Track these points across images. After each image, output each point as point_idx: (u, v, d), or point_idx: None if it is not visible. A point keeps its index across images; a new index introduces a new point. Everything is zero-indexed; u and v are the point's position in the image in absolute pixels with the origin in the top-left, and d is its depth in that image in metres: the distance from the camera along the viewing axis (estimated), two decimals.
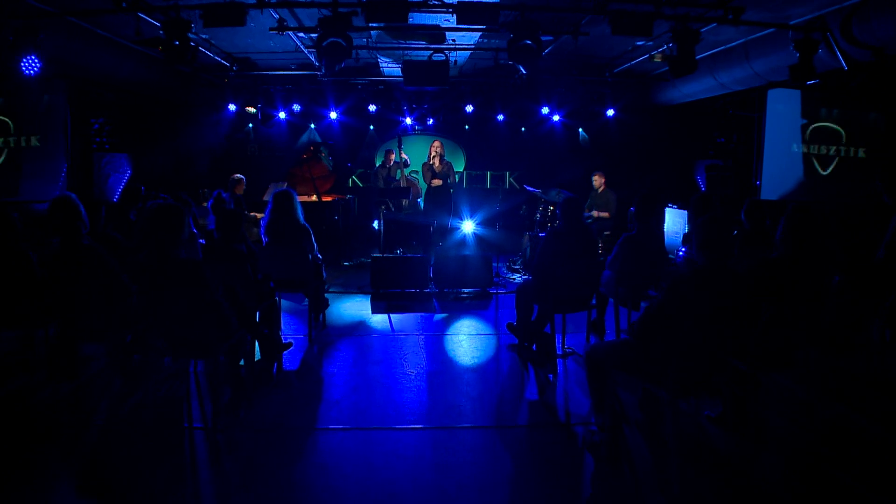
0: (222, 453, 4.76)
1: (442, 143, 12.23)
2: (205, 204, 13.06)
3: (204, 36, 9.65)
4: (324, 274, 7.86)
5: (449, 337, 7.68)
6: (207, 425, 5.10)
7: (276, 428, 5.16)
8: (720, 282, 4.15)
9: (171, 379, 5.82)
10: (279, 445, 4.84)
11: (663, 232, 7.52)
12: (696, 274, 4.18)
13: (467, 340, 7.54)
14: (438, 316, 8.66)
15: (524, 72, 7.51)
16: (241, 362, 5.59)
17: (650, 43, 10.25)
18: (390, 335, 7.73)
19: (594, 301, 6.95)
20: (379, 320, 8.42)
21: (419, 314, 8.73)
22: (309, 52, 10.28)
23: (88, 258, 5.18)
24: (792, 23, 8.29)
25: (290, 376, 6.31)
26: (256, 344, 6.31)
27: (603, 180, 12.24)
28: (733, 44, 9.96)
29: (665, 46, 9.73)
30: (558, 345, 6.84)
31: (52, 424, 5.14)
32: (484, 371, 6.50)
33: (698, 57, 9.63)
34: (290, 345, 6.70)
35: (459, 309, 9.10)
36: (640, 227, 7.06)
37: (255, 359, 6.36)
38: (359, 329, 8.01)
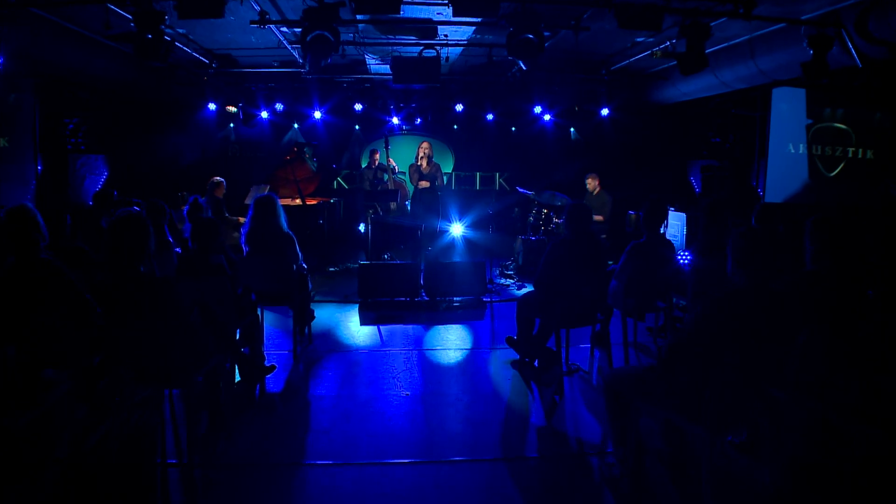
0: (199, 494, 4.24)
1: (430, 144, 11.70)
2: (184, 207, 12.55)
3: (181, 30, 9.10)
4: (310, 285, 7.34)
5: (444, 352, 7.18)
6: (182, 460, 4.57)
7: (258, 463, 4.64)
8: (760, 303, 3.68)
9: (143, 405, 5.27)
10: (263, 484, 4.33)
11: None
12: (734, 296, 3.70)
13: (464, 356, 7.05)
14: (431, 328, 8.16)
15: (524, 67, 7.02)
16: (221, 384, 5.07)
17: (651, 39, 9.81)
18: (381, 350, 7.22)
19: (601, 315, 6.47)
20: (368, 333, 7.91)
21: (410, 326, 8.22)
22: (292, 48, 9.73)
23: (45, 275, 4.63)
24: (804, 18, 7.86)
25: (273, 399, 5.78)
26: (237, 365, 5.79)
27: (597, 182, 11.79)
28: (738, 40, 9.51)
29: (668, 42, 9.28)
30: (562, 361, 6.36)
31: (6, 459, 4.58)
32: (485, 392, 5.99)
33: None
34: (272, 368, 6.15)
35: (453, 319, 8.61)
36: (649, 234, 6.60)
37: (237, 380, 5.84)
38: (347, 343, 7.49)
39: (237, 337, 6.36)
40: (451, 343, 7.52)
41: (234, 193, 11.85)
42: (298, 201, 11.60)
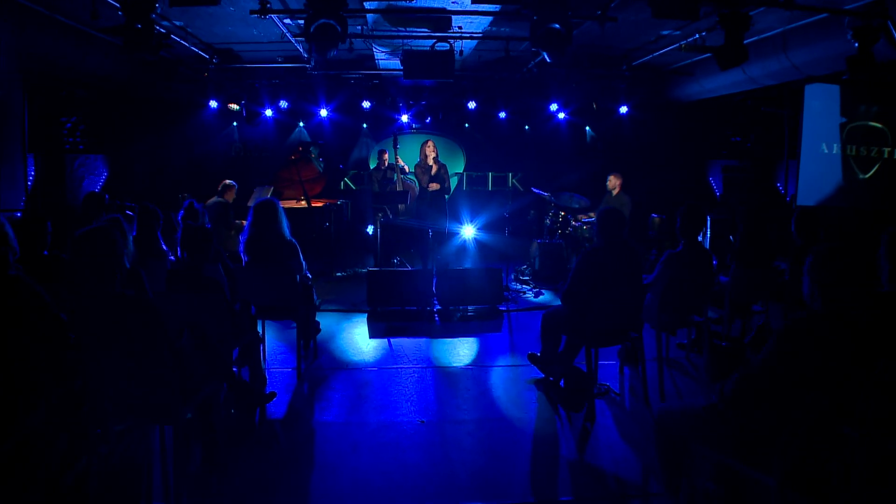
0: None
1: (435, 144, 11.11)
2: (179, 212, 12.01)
3: (178, 23, 8.55)
4: (315, 297, 6.78)
5: (461, 370, 6.61)
6: (170, 501, 4.02)
7: None
8: (841, 332, 3.11)
9: (128, 437, 4.72)
10: None
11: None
12: (815, 323, 3.12)
13: (482, 374, 6.47)
14: (445, 341, 7.60)
15: (549, 60, 6.45)
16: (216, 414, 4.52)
17: (677, 32, 9.23)
18: (392, 368, 6.65)
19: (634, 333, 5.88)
20: (378, 347, 7.34)
21: (423, 339, 7.66)
22: (297, 41, 9.17)
23: (11, 293, 4.07)
24: (847, 8, 7.26)
25: (274, 427, 5.22)
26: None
27: (619, 182, 11.19)
28: (769, 33, 8.91)
29: (696, 35, 8.70)
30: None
31: None
32: (508, 419, 5.42)
33: None
34: (272, 396, 5.55)
35: (468, 331, 8.05)
36: (686, 242, 6.02)
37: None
38: (356, 359, 6.93)
39: (235, 357, 5.83)
40: (468, 359, 6.96)
41: (238, 195, 11.31)
42: (304, 203, 11.05)
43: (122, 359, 3.74)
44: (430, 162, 10.58)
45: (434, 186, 10.67)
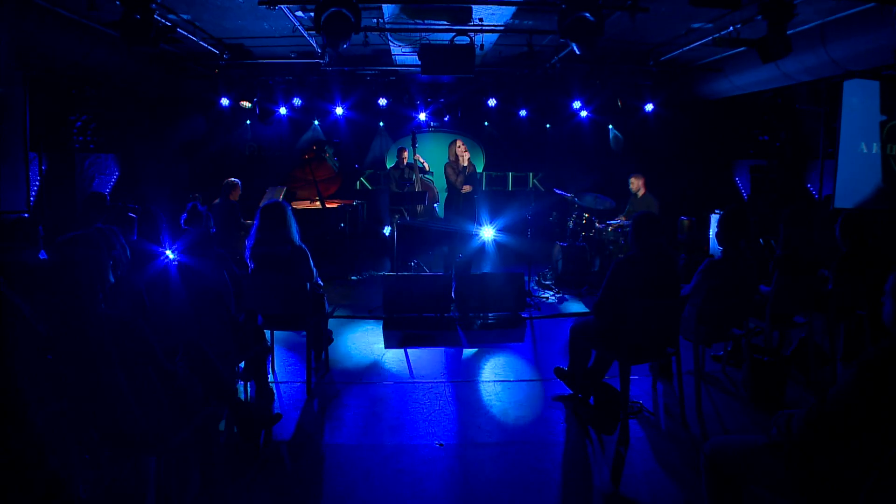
0: None
1: (464, 142, 10.64)
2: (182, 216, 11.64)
3: (185, 16, 8.16)
4: (326, 305, 6.36)
5: (482, 385, 6.17)
6: None
7: None
8: None
9: (119, 461, 4.33)
10: None
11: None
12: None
13: (505, 390, 6.03)
14: (465, 352, 7.18)
15: (578, 52, 6.00)
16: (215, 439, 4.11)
17: (709, 25, 8.73)
18: (409, 382, 6.23)
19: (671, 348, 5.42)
20: (394, 358, 6.92)
21: (441, 349, 7.23)
22: (310, 35, 8.76)
23: None
24: None
25: (280, 451, 4.80)
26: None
27: (642, 183, 10.74)
28: (806, 26, 8.39)
29: (731, 28, 8.20)
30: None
31: None
32: (534, 441, 4.97)
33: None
34: (278, 417, 5.12)
35: (488, 340, 7.62)
36: (727, 250, 5.55)
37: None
38: (370, 372, 6.51)
39: (241, 369, 5.44)
40: (489, 372, 6.52)
41: (250, 196, 10.95)
42: (318, 204, 10.65)
43: (105, 382, 3.34)
44: (465, 162, 10.06)
45: (468, 189, 10.20)
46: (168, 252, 5.53)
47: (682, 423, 5.28)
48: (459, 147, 10.10)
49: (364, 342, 7.48)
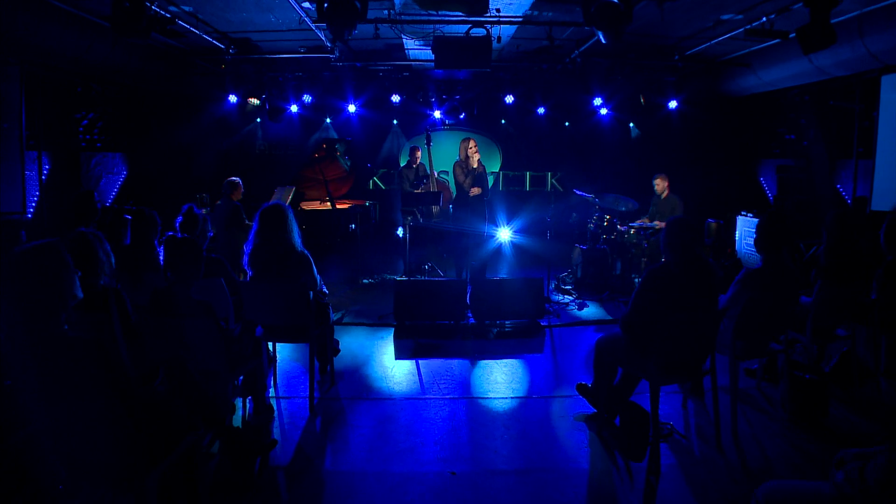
0: None
1: (476, 142, 10.17)
2: (203, 211, 11.26)
3: (187, 8, 7.77)
4: (331, 315, 5.94)
5: (498, 402, 5.72)
6: None
7: None
8: None
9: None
10: None
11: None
12: None
13: (523, 408, 5.58)
14: (480, 363, 6.73)
15: (604, 41, 5.54)
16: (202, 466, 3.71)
17: (739, 16, 8.26)
18: (420, 398, 5.78)
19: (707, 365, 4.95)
20: (404, 371, 6.49)
21: (455, 361, 6.79)
22: (317, 27, 8.35)
23: None
24: None
25: (277, 478, 4.37)
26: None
27: (667, 184, 10.27)
28: (843, 17, 7.90)
29: (763, 19, 7.73)
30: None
31: None
32: (556, 469, 4.51)
33: (791, 36, 7.82)
34: (273, 444, 4.68)
35: (505, 351, 7.17)
36: (767, 258, 5.08)
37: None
38: (378, 386, 6.07)
39: (239, 382, 5.04)
40: (506, 387, 6.06)
41: (259, 196, 10.55)
42: (328, 204, 10.24)
43: (69, 411, 2.93)
44: (475, 164, 9.62)
45: (476, 191, 9.75)
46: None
47: (717, 447, 4.81)
48: (471, 147, 9.64)
49: (373, 352, 7.06)
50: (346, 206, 10.70)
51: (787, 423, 5.22)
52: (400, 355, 7.00)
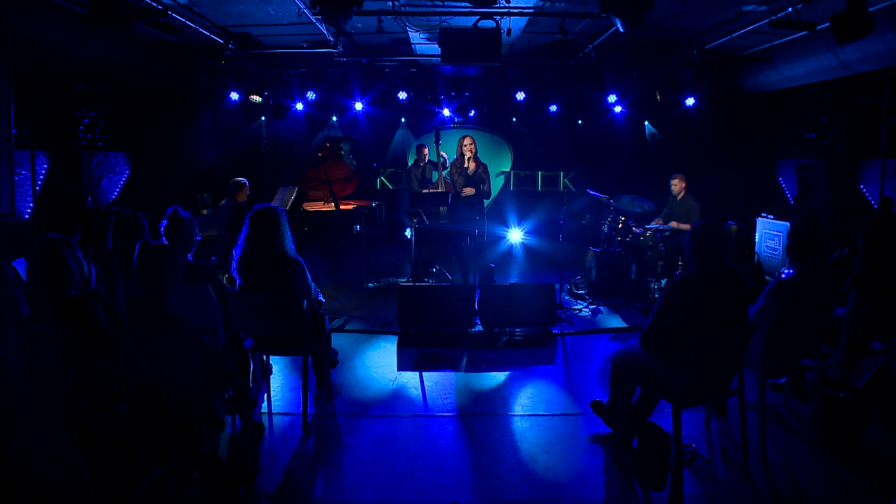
0: None
1: (474, 139, 9.72)
2: (204, 212, 10.91)
3: (182, 0, 7.40)
4: (327, 325, 5.54)
5: (506, 420, 5.32)
6: None
7: None
8: None
9: None
10: None
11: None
12: None
13: (533, 427, 5.17)
14: (487, 375, 6.33)
15: (622, 29, 5.13)
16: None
17: (762, 7, 7.82)
18: (422, 415, 5.39)
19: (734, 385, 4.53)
20: (406, 384, 6.09)
21: (462, 373, 6.40)
22: (318, 20, 7.95)
23: None
24: None
25: None
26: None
27: (684, 185, 9.84)
28: (873, 8, 7.41)
29: (790, 9, 7.29)
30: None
31: None
32: (568, 500, 4.11)
33: (818, 28, 7.44)
34: (255, 473, 4.28)
35: (514, 361, 6.78)
36: (801, 267, 4.65)
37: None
38: (378, 401, 5.68)
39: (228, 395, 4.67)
40: (515, 403, 5.66)
41: (261, 197, 10.17)
42: (332, 205, 9.85)
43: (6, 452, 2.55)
44: (467, 163, 9.19)
45: (468, 191, 9.31)
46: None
47: (744, 474, 4.40)
48: (465, 144, 9.24)
49: (374, 363, 6.67)
50: (350, 206, 10.31)
51: (819, 446, 4.81)
52: (403, 366, 6.61)
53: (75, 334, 3.65)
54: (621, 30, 5.25)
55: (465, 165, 9.23)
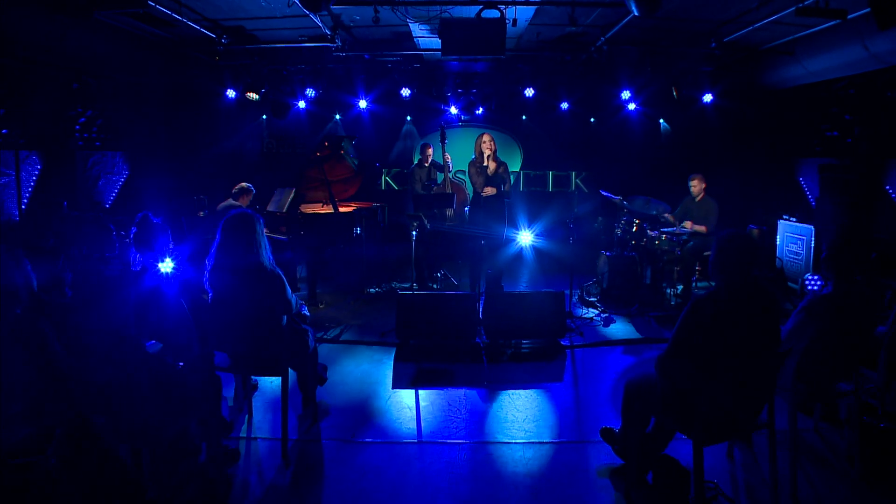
0: None
1: (492, 137, 9.19)
2: (201, 213, 10.47)
3: None
4: (311, 342, 5.04)
5: (507, 448, 4.81)
6: None
7: None
8: None
9: None
10: None
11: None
12: None
13: (537, 457, 4.66)
14: (490, 396, 5.83)
15: (637, 13, 4.62)
16: None
17: None
18: (415, 442, 4.90)
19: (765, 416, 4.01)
20: (402, 405, 5.60)
21: (460, 391, 5.90)
22: (314, 14, 7.47)
23: None
24: None
25: None
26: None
27: (703, 186, 9.30)
28: None
29: None
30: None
31: None
32: None
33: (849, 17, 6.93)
34: None
35: (520, 378, 6.27)
36: (839, 283, 4.13)
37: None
38: (367, 424, 5.19)
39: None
40: (518, 428, 5.15)
41: (258, 199, 9.72)
42: (330, 207, 9.37)
43: None
44: (486, 161, 8.71)
45: (489, 191, 8.83)
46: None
47: None
48: (484, 142, 8.74)
49: (368, 378, 6.19)
50: (350, 208, 9.81)
51: (855, 480, 4.29)
52: (398, 383, 6.12)
53: (17, 359, 3.20)
54: (637, 14, 4.74)
55: (485, 164, 8.75)
